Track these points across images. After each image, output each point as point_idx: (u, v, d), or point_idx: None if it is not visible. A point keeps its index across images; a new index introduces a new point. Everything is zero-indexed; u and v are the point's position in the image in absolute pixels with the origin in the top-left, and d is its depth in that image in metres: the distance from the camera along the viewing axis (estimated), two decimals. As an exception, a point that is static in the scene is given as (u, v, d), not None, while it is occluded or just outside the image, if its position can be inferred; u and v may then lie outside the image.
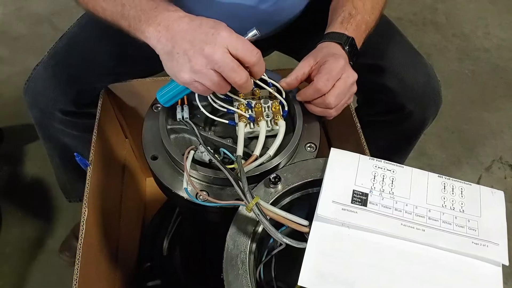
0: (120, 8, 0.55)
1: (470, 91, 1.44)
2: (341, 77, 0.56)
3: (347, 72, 0.57)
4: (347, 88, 0.57)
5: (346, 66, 0.57)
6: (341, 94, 0.57)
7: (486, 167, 1.27)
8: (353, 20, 0.64)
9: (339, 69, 0.56)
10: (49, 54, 0.76)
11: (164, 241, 0.94)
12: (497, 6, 1.73)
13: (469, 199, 0.48)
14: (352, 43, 0.62)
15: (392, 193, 0.48)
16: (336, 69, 0.56)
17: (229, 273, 0.44)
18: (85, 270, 0.57)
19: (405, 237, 0.45)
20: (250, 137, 0.59)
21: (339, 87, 0.56)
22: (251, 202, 0.44)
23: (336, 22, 0.64)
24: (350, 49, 0.62)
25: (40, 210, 1.13)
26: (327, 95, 0.56)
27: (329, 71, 0.56)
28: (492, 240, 0.45)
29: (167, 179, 0.55)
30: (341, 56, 0.59)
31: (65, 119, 0.76)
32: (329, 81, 0.55)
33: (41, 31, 1.58)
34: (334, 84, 0.56)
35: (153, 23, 0.52)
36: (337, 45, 0.61)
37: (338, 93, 0.56)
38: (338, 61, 0.56)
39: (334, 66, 0.56)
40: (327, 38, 0.63)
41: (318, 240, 0.45)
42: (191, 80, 0.50)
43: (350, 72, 0.58)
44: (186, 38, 0.50)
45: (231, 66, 0.49)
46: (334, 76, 0.56)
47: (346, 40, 0.62)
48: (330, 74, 0.56)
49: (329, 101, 0.56)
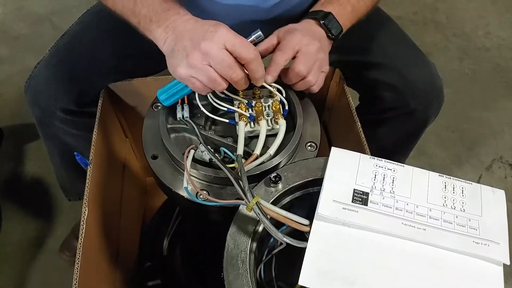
0: (132, 5, 0.57)
1: (471, 90, 1.44)
2: (300, 48, 0.56)
3: (306, 41, 0.57)
4: (312, 55, 0.57)
5: (305, 37, 0.57)
6: (308, 61, 0.57)
7: (487, 166, 1.26)
8: (335, 1, 0.64)
9: (295, 41, 0.56)
10: (51, 52, 0.76)
11: (164, 240, 0.94)
12: (498, 6, 1.73)
13: (470, 198, 0.48)
14: (330, 17, 0.62)
15: (393, 192, 0.48)
16: (292, 41, 0.56)
17: (229, 272, 0.44)
18: (85, 270, 0.57)
19: (406, 237, 0.45)
20: (250, 136, 0.59)
21: (302, 56, 0.56)
22: (252, 202, 0.44)
23: (317, 4, 0.65)
24: (328, 22, 0.61)
25: (40, 209, 1.13)
26: (293, 66, 0.56)
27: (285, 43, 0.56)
28: (493, 239, 0.45)
29: (167, 179, 0.55)
30: (303, 30, 0.59)
31: (65, 118, 0.75)
32: (286, 53, 0.56)
33: (41, 30, 1.58)
34: (296, 56, 0.56)
35: (162, 25, 0.54)
36: (311, 20, 0.62)
37: (304, 61, 0.56)
38: (294, 34, 0.57)
39: (289, 40, 0.56)
40: (304, 17, 0.63)
41: (319, 240, 0.45)
42: (188, 76, 0.51)
43: (310, 41, 0.57)
44: (187, 36, 0.51)
45: (227, 63, 0.49)
46: (291, 47, 0.56)
47: (323, 15, 0.62)
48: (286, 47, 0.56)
49: (298, 69, 0.56)
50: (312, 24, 0.62)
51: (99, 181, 0.69)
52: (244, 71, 0.51)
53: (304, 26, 0.61)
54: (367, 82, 0.77)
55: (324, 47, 0.61)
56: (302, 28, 0.60)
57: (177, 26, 0.53)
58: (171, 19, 0.54)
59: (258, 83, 0.54)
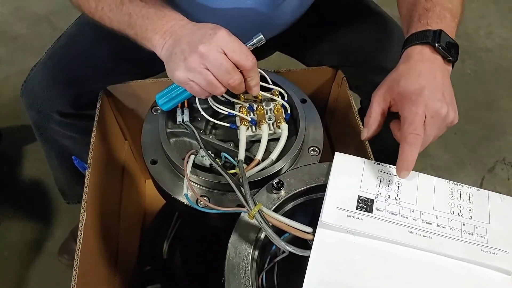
0: (127, 18, 0.56)
1: (473, 91, 1.43)
2: (426, 119, 0.47)
3: (432, 107, 0.48)
4: (438, 122, 0.48)
5: (430, 100, 0.48)
6: (434, 130, 0.48)
7: (489, 168, 1.25)
8: (432, 13, 0.53)
9: (420, 114, 0.47)
10: (47, 54, 0.75)
11: (164, 244, 0.93)
12: (500, 6, 1.72)
13: (477, 205, 0.47)
14: (442, 35, 0.51)
15: (398, 199, 0.47)
16: (417, 117, 0.47)
17: (230, 281, 0.43)
18: (83, 274, 0.56)
19: (412, 245, 0.44)
20: (252, 141, 0.57)
21: (430, 128, 0.48)
22: (254, 209, 0.43)
23: (413, 23, 0.54)
24: (443, 44, 0.51)
25: (39, 212, 1.12)
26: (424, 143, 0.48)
27: (411, 122, 0.47)
28: (501, 247, 0.44)
29: (167, 184, 0.54)
30: (424, 84, 0.49)
31: (63, 121, 0.74)
32: (417, 135, 0.47)
33: (40, 31, 1.57)
34: (425, 129, 0.48)
35: (159, 32, 0.53)
36: (424, 47, 0.51)
37: (431, 135, 0.48)
38: (417, 104, 0.47)
39: (413, 116, 0.47)
40: (409, 43, 0.53)
41: (323, 248, 0.44)
42: (186, 79, 0.50)
43: (436, 102, 0.48)
44: (185, 40, 0.50)
45: (225, 67, 0.48)
46: (418, 125, 0.47)
47: (434, 35, 0.51)
48: (413, 126, 0.47)
49: (426, 143, 0.49)
50: (428, 54, 0.51)
51: (97, 184, 0.68)
52: (241, 76, 0.50)
53: (421, 72, 0.50)
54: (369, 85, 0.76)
55: (448, 89, 0.51)
56: (421, 80, 0.49)
57: (174, 31, 0.52)
58: (168, 25, 0.53)
59: (252, 91, 0.52)
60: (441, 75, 0.51)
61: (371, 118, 0.51)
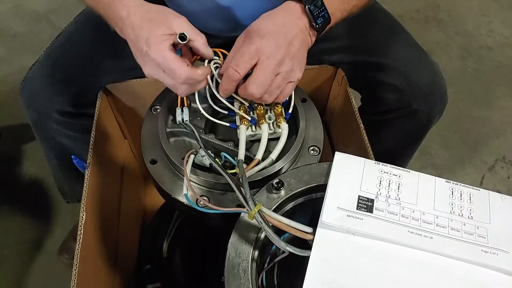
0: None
1: (473, 89, 1.42)
2: (258, 60, 0.48)
3: (268, 50, 0.48)
4: (270, 71, 0.49)
5: (268, 42, 0.48)
6: (264, 80, 0.49)
7: (489, 166, 1.25)
8: None
9: (254, 48, 0.48)
10: (46, 53, 0.75)
11: (164, 243, 0.93)
12: (500, 3, 1.71)
13: (477, 205, 0.47)
14: (318, 3, 0.51)
15: (398, 199, 0.47)
16: (248, 50, 0.48)
17: (230, 282, 0.43)
18: (83, 273, 0.56)
19: (412, 245, 0.43)
20: (252, 140, 0.57)
21: (258, 73, 0.49)
22: (254, 210, 0.43)
23: None
24: (314, 8, 0.51)
25: (38, 211, 1.12)
26: (245, 86, 0.50)
27: (241, 54, 0.49)
28: (502, 248, 0.43)
29: (166, 184, 0.54)
30: (269, 29, 0.49)
31: (62, 120, 0.74)
32: (239, 66, 0.49)
33: (38, 29, 1.56)
34: (253, 69, 0.49)
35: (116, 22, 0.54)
36: (296, 3, 0.52)
37: (257, 82, 0.49)
38: (252, 41, 0.48)
39: (246, 47, 0.49)
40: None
41: (323, 248, 0.44)
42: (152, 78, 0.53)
43: (273, 49, 0.48)
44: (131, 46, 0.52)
45: (167, 84, 0.51)
46: (246, 60, 0.48)
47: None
48: (240, 58, 0.49)
49: (250, 92, 0.50)
50: (291, 10, 0.52)
51: (97, 183, 0.68)
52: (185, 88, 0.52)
53: (276, 19, 0.51)
54: (370, 83, 0.76)
55: (298, 47, 0.51)
56: (270, 25, 0.50)
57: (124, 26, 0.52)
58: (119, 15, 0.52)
59: None
60: (297, 33, 0.51)
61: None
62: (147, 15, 0.51)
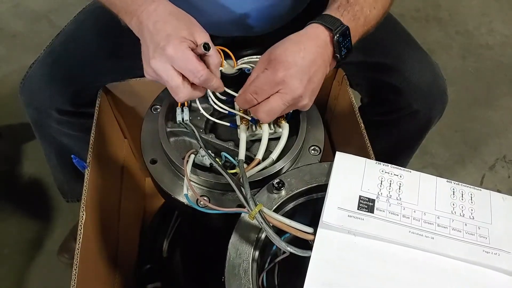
0: None
1: (474, 89, 1.42)
2: (278, 91, 0.49)
3: (289, 86, 0.49)
4: (284, 103, 0.50)
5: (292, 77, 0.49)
6: (274, 111, 0.50)
7: (490, 166, 1.25)
8: (351, 9, 0.54)
9: (278, 80, 0.48)
10: (46, 52, 0.75)
11: (164, 242, 0.93)
12: (501, 2, 1.71)
13: (479, 205, 0.46)
14: (346, 33, 0.52)
15: (399, 199, 0.47)
16: (270, 82, 0.49)
17: (231, 282, 0.43)
18: (83, 273, 0.56)
19: (414, 245, 0.43)
20: (252, 140, 0.57)
21: (271, 103, 0.50)
22: (254, 210, 0.43)
23: (332, 6, 0.55)
24: (342, 40, 0.52)
25: (38, 211, 1.12)
26: (257, 109, 0.51)
27: (263, 83, 0.49)
28: (504, 248, 0.43)
29: (166, 184, 0.54)
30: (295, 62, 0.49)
31: (62, 119, 0.74)
32: (258, 94, 0.50)
33: (38, 28, 1.56)
34: (268, 98, 0.50)
35: (132, 17, 0.53)
36: (326, 30, 0.52)
37: (269, 110, 0.50)
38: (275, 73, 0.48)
39: (269, 77, 0.49)
40: (319, 20, 0.53)
41: (324, 248, 0.44)
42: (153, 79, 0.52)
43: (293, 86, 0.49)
44: (143, 43, 0.51)
45: (171, 84, 0.50)
46: (267, 90, 0.49)
47: (340, 27, 0.51)
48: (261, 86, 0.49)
49: (259, 116, 0.51)
50: (319, 38, 0.51)
51: (97, 183, 0.68)
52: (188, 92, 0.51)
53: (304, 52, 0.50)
54: (370, 83, 0.76)
55: (317, 83, 0.51)
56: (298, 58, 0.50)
57: (141, 22, 0.52)
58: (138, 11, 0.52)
59: None
60: (320, 64, 0.51)
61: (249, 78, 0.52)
62: (175, 14, 0.52)
